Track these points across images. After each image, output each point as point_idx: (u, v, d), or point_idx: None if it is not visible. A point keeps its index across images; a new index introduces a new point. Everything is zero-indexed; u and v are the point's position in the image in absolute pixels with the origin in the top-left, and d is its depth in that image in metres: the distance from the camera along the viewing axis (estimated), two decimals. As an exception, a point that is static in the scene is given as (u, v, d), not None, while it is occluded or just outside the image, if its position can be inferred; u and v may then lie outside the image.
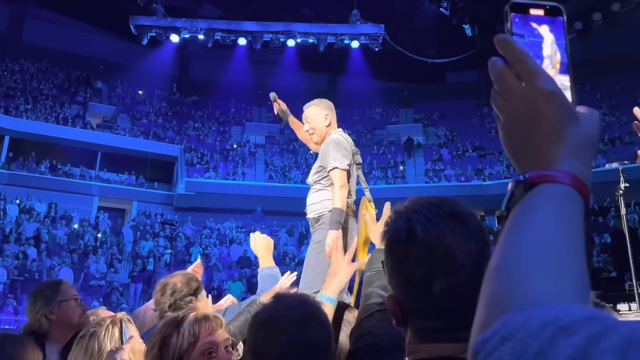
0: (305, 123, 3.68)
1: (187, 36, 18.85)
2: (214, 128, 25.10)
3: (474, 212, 0.99)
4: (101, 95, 24.78)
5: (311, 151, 3.86)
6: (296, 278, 3.06)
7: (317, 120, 3.62)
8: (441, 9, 15.49)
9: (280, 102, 3.98)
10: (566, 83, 0.61)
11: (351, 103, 26.44)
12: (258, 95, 26.22)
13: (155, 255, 17.09)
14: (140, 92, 25.69)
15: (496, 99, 0.60)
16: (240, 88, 25.34)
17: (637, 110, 1.77)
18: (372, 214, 3.07)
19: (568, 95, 0.58)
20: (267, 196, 20.52)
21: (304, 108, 3.71)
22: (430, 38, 21.94)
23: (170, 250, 15.39)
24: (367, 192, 3.30)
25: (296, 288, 3.00)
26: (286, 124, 4.02)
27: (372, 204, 3.10)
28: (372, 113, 27.12)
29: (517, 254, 0.49)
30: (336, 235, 3.10)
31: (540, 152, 0.56)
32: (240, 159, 22.99)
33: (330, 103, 3.76)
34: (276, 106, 4.00)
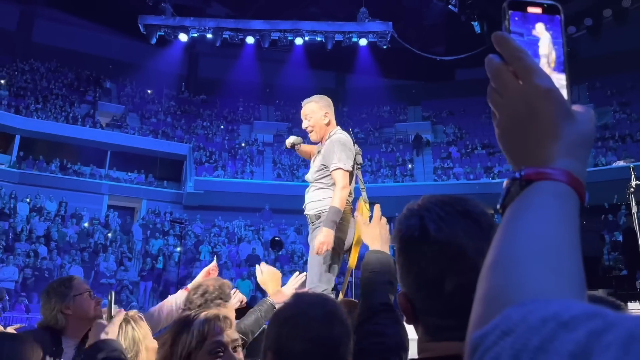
0: (303, 120, 3.62)
1: (196, 35, 18.93)
2: (222, 127, 25.17)
3: (487, 211, 0.99)
4: (110, 94, 24.93)
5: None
6: (305, 278, 3.07)
7: (317, 118, 3.57)
8: (449, 6, 15.44)
9: (289, 144, 3.92)
10: (562, 81, 0.61)
11: (359, 101, 26.41)
12: (266, 93, 26.26)
13: (164, 253, 17.18)
14: (149, 91, 25.81)
15: (493, 96, 0.60)
16: (248, 87, 25.38)
17: None
18: (366, 216, 3.11)
19: (564, 93, 0.58)
20: (276, 194, 20.54)
21: (303, 104, 3.64)
22: (438, 35, 21.86)
23: (179, 248, 15.47)
24: (364, 193, 3.31)
25: (305, 288, 3.02)
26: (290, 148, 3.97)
27: (367, 206, 3.13)
28: (380, 111, 27.05)
29: (515, 250, 0.49)
30: (329, 233, 3.14)
31: (536, 150, 0.56)
32: (248, 158, 23.04)
33: (329, 100, 3.70)
34: (289, 145, 3.94)
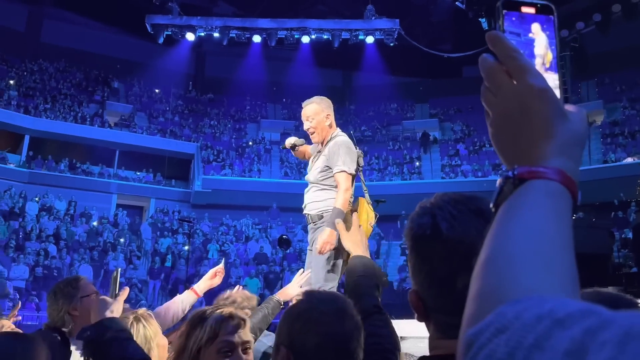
0: (305, 121, 3.63)
1: (203, 34, 18.96)
2: (230, 125, 25.23)
3: None
4: (118, 94, 25.07)
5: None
6: (309, 276, 3.10)
7: (319, 119, 3.59)
8: (457, 3, 15.36)
9: (289, 144, 3.93)
10: (555, 81, 0.61)
11: (366, 99, 26.37)
12: (273, 92, 26.28)
13: (173, 252, 17.27)
14: (156, 91, 25.92)
15: (486, 95, 0.60)
16: (255, 85, 25.41)
17: None
18: (372, 217, 3.26)
19: (557, 93, 0.59)
20: (283, 193, 20.56)
21: (303, 105, 3.66)
22: (445, 32, 21.77)
23: (187, 247, 15.54)
24: (367, 194, 3.39)
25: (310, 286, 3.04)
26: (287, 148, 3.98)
27: (371, 206, 3.28)
28: (388, 109, 27.00)
29: (508, 248, 0.49)
30: (333, 233, 3.21)
31: (529, 149, 0.56)
32: (255, 156, 23.09)
33: (329, 101, 3.73)
34: (289, 145, 3.95)
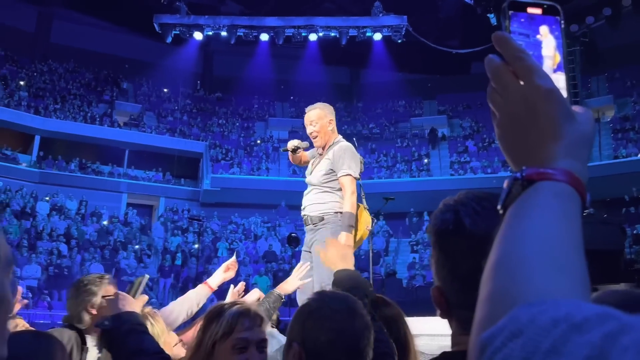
0: (308, 126, 3.75)
1: (210, 33, 19.02)
2: (238, 124, 25.29)
3: None
4: (127, 93, 25.21)
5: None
6: (309, 267, 3.19)
7: (323, 124, 3.72)
8: (465, -1, 15.27)
9: (292, 146, 3.97)
10: (561, 82, 0.61)
11: (374, 96, 26.31)
12: (280, 90, 26.31)
13: (183, 250, 17.36)
14: (165, 90, 26.05)
15: (493, 96, 0.60)
16: (263, 84, 25.45)
17: None
18: (368, 221, 3.58)
19: (563, 94, 0.59)
20: (291, 191, 20.56)
21: (307, 110, 3.80)
22: (453, 28, 21.63)
23: (197, 245, 15.61)
24: (364, 200, 3.66)
25: (310, 278, 3.15)
26: (286, 151, 4.02)
27: (368, 212, 3.60)
28: (396, 105, 26.92)
29: (519, 250, 0.49)
30: (350, 237, 3.41)
31: (537, 150, 0.56)
32: (264, 154, 23.13)
33: (332, 108, 3.87)
34: (291, 147, 3.99)
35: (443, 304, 0.97)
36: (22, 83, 21.91)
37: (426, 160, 22.69)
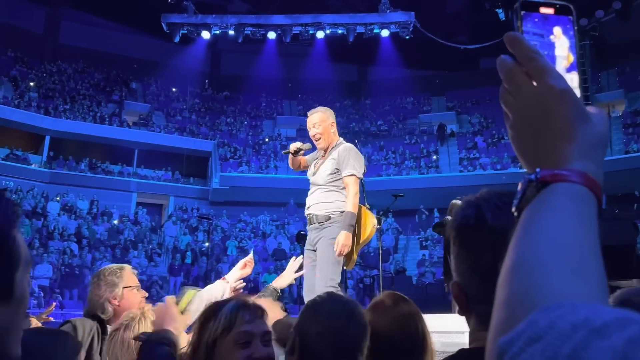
0: (311, 128, 3.84)
1: (218, 32, 19.06)
2: (246, 122, 25.34)
3: None
4: (136, 93, 25.34)
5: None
6: (302, 261, 3.27)
7: (325, 126, 3.82)
8: (473, -6, 15.17)
9: (294, 148, 4.01)
10: (574, 82, 0.61)
11: (382, 93, 26.23)
12: (288, 88, 26.31)
13: (193, 248, 17.44)
14: (173, 90, 26.15)
15: (506, 97, 0.59)
16: (270, 82, 25.47)
17: None
18: (374, 222, 3.72)
19: (577, 93, 0.58)
20: (300, 189, 20.44)
21: (309, 114, 3.91)
22: (461, 24, 21.52)
23: (207, 243, 15.67)
24: (366, 202, 3.79)
25: (302, 272, 3.30)
26: (289, 153, 4.07)
27: (370, 212, 3.74)
28: (404, 102, 26.83)
29: (536, 253, 0.48)
30: (349, 236, 3.52)
31: (551, 151, 0.55)
32: (272, 153, 23.15)
33: (333, 112, 4.00)
34: (294, 148, 4.03)
35: (462, 300, 0.98)
36: (32, 84, 22.10)
37: (435, 156, 22.59)
